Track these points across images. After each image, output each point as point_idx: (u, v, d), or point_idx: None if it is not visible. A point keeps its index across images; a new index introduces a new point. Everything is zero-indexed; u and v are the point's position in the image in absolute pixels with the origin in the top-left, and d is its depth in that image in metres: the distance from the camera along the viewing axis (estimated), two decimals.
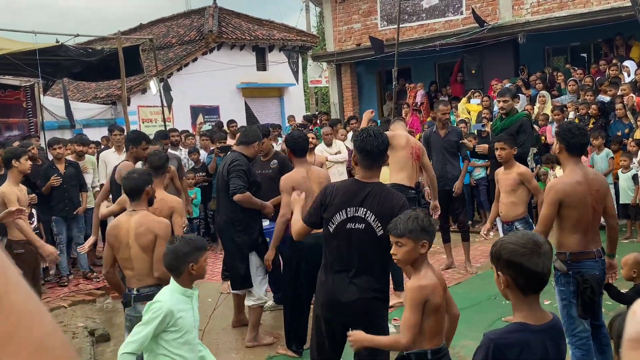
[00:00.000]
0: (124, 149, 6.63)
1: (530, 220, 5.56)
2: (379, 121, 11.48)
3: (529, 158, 8.52)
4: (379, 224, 3.31)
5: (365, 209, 3.35)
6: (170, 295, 3.12)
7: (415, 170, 6.30)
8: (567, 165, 3.99)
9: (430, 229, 2.83)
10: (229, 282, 5.74)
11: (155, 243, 3.83)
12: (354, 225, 3.36)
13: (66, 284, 7.78)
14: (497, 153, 5.43)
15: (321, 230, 3.54)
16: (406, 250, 2.81)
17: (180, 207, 4.70)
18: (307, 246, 4.59)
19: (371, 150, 3.39)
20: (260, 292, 5.27)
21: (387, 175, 6.19)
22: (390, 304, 6.08)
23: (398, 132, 6.37)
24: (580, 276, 3.83)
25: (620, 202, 8.26)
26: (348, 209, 3.37)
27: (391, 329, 5.61)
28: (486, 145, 6.75)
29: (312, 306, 5.19)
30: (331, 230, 3.41)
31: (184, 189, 7.03)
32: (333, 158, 9.20)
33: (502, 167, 5.48)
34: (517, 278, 2.14)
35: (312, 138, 7.85)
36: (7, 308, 0.43)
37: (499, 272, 2.19)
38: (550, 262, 2.19)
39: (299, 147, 5.06)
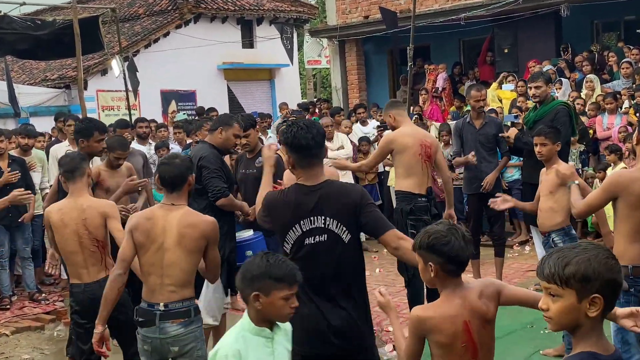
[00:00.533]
0: None
1: (573, 232, 5.55)
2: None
3: (573, 157, 8.54)
4: (344, 228, 3.31)
5: (323, 217, 3.31)
6: (235, 337, 2.78)
7: (426, 174, 6.26)
8: None
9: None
10: None
11: (204, 249, 3.82)
12: (315, 239, 3.33)
13: (8, 306, 7.78)
14: (536, 150, 5.43)
15: None
16: (419, 270, 2.82)
17: (114, 210, 4.60)
18: None
19: (307, 145, 3.33)
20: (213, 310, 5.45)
21: (392, 176, 6.23)
22: (405, 335, 6.15)
23: (401, 130, 6.26)
24: None
25: None
26: (301, 222, 3.32)
27: (388, 348, 5.65)
28: (514, 130, 6.70)
29: None
30: (288, 251, 3.35)
31: (149, 191, 7.02)
32: (334, 154, 9.21)
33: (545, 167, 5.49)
34: (607, 295, 1.99)
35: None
36: None
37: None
38: None
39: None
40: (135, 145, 8.50)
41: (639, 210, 3.88)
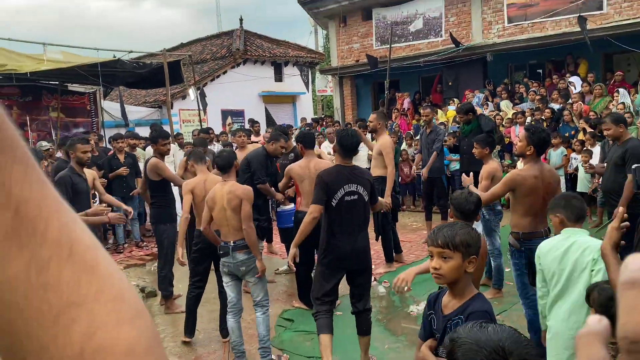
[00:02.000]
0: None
1: (498, 207, 5.47)
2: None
3: (494, 155, 8.48)
4: (366, 192, 3.82)
5: (355, 184, 3.76)
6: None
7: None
8: (529, 160, 3.95)
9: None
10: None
11: (241, 205, 3.92)
12: (351, 197, 3.76)
13: (122, 251, 7.85)
14: (473, 150, 5.40)
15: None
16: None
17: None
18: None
19: (349, 146, 3.80)
20: None
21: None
22: (382, 271, 6.17)
23: (384, 136, 6.17)
24: (530, 251, 3.83)
25: (578, 190, 8.11)
26: (344, 186, 3.74)
27: (381, 289, 5.66)
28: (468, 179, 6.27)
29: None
30: (334, 204, 3.74)
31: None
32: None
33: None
34: (478, 256, 1.70)
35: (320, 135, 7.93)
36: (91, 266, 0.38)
37: None
38: None
39: (307, 139, 5.17)
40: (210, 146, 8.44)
41: (527, 197, 3.88)
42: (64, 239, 0.36)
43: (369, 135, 7.73)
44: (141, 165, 8.25)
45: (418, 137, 8.37)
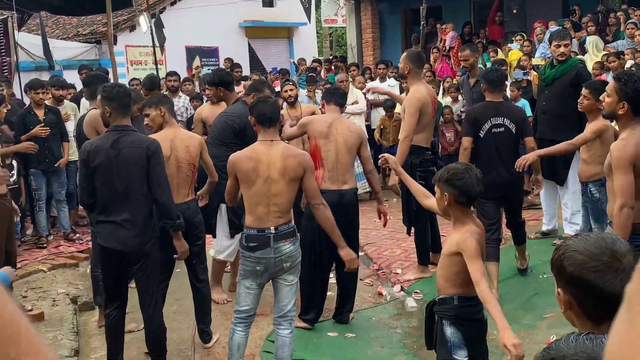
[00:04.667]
0: None
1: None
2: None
3: None
4: (514, 126, 5.66)
5: (503, 117, 5.62)
6: None
7: (432, 129, 6.26)
8: (625, 123, 3.90)
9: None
10: None
11: (303, 177, 4.10)
12: (498, 130, 5.62)
13: (45, 245, 7.89)
14: (579, 100, 5.39)
15: (347, 186, 5.21)
16: None
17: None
18: (330, 204, 4.81)
19: (496, 80, 5.72)
20: (224, 245, 5.78)
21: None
22: (412, 277, 6.21)
23: (420, 89, 6.05)
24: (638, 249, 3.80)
25: None
26: (491, 119, 5.59)
27: (410, 303, 5.71)
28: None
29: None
30: (482, 135, 5.58)
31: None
32: (349, 109, 9.16)
33: None
34: (584, 300, 1.77)
35: (291, 90, 7.96)
36: None
37: (559, 290, 1.83)
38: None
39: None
40: None
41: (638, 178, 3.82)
42: None
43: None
44: (71, 126, 8.28)
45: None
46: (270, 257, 4.06)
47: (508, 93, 8.07)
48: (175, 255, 4.64)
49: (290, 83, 8.48)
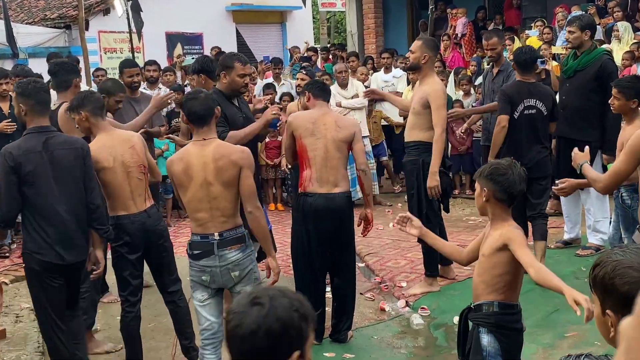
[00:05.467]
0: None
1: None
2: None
3: None
4: (545, 108, 6.24)
5: (535, 99, 6.17)
6: None
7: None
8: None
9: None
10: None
11: (239, 176, 4.07)
12: (530, 111, 6.18)
13: (7, 255, 7.87)
14: (609, 101, 5.35)
15: (338, 190, 5.10)
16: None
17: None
18: (317, 209, 4.99)
19: (525, 62, 6.28)
20: None
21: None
22: (418, 291, 6.20)
23: (437, 81, 6.19)
24: None
25: None
26: (525, 101, 6.13)
27: (416, 320, 5.71)
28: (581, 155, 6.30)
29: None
30: (516, 117, 6.13)
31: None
32: (348, 103, 9.16)
33: None
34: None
35: (302, 80, 7.95)
36: None
37: (608, 312, 1.75)
38: None
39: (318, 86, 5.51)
40: (143, 89, 8.33)
41: None
42: None
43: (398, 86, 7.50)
44: None
45: (480, 82, 8.29)
46: (216, 265, 4.09)
47: None
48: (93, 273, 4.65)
49: (304, 72, 8.48)
